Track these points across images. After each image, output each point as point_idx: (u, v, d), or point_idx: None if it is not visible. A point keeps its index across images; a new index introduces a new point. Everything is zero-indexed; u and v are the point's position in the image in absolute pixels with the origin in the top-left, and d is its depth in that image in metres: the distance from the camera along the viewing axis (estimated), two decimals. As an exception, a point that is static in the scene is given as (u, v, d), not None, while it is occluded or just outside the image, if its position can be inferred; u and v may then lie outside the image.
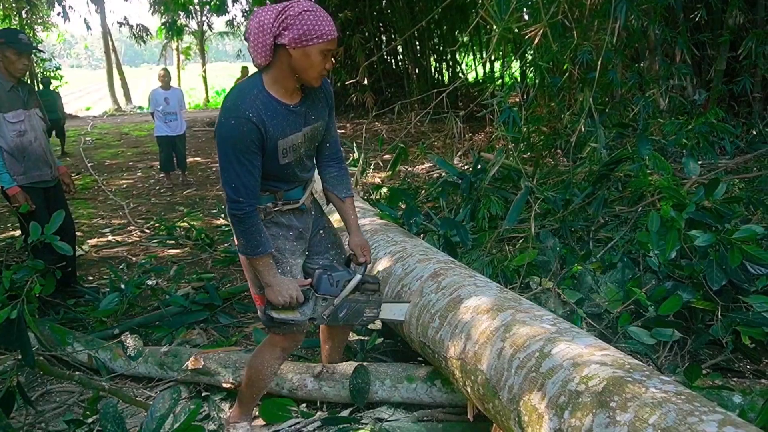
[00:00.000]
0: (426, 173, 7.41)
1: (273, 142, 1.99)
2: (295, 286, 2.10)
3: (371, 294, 2.29)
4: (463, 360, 1.97)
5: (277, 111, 1.99)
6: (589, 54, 5.01)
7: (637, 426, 1.37)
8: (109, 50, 26.69)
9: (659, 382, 1.49)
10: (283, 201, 2.16)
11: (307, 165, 2.22)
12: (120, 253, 5.25)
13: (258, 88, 1.98)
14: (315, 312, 2.15)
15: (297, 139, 2.07)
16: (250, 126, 1.92)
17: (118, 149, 12.57)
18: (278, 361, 2.27)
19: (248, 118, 1.91)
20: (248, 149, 1.94)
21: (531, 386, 1.66)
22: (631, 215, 3.90)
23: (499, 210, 4.13)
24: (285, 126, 2.01)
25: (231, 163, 1.95)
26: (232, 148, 1.93)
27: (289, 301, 2.07)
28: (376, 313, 2.31)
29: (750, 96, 6.47)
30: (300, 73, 1.96)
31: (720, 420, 1.32)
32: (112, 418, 1.64)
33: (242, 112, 1.92)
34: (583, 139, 4.84)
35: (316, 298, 2.15)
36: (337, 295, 2.17)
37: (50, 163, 3.82)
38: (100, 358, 2.84)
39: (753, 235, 2.59)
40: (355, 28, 13.08)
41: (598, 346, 1.71)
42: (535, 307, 2.03)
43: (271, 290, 2.07)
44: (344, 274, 2.21)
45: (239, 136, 1.92)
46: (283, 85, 2.00)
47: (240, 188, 1.96)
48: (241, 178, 1.95)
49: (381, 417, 2.33)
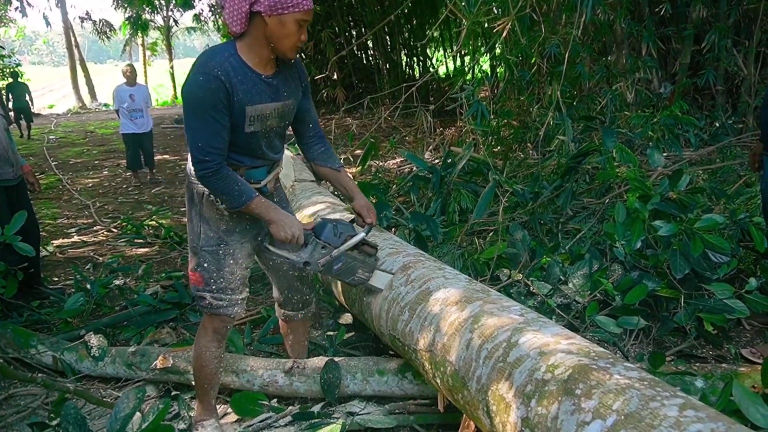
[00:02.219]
0: (397, 168, 7.41)
1: (240, 106, 1.97)
2: (299, 225, 2.10)
3: (368, 257, 2.27)
4: (432, 352, 1.97)
5: (247, 76, 1.97)
6: (557, 48, 5.06)
7: (601, 412, 1.39)
8: (71, 46, 26.07)
9: (623, 368, 1.52)
10: (244, 178, 2.12)
11: (276, 145, 2.20)
12: (86, 253, 5.15)
13: (230, 52, 1.97)
14: (312, 257, 2.12)
15: (266, 110, 2.05)
16: (218, 83, 1.89)
17: (83, 147, 12.32)
18: (214, 344, 2.24)
19: (216, 76, 1.89)
20: (215, 107, 1.91)
21: (499, 376, 1.67)
22: (599, 207, 3.96)
23: (470, 204, 4.15)
24: (254, 93, 1.99)
25: (197, 121, 1.92)
26: (200, 104, 1.91)
27: (291, 238, 2.06)
28: (367, 276, 2.29)
29: (713, 89, 6.62)
30: (275, 42, 1.95)
31: (681, 404, 1.35)
32: (74, 420, 1.61)
33: (211, 69, 1.90)
34: (551, 133, 4.90)
35: (316, 244, 2.13)
36: (338, 246, 2.15)
37: (12, 162, 3.70)
38: (66, 359, 2.78)
39: (714, 224, 2.65)
40: (325, 23, 12.99)
41: (564, 335, 1.73)
42: (503, 298, 2.04)
43: (275, 225, 2.07)
44: (349, 228, 2.20)
45: (206, 92, 1.89)
46: (258, 53, 1.98)
47: (206, 147, 1.93)
48: (207, 137, 1.93)
49: (353, 411, 2.33)
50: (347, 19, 13.89)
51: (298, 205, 3.50)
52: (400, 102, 4.63)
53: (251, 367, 2.48)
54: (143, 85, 8.32)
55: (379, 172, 6.85)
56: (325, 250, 2.14)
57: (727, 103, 6.66)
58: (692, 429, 1.26)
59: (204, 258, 2.15)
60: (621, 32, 6.42)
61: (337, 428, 2.17)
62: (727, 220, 2.97)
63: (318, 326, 3.22)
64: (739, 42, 6.53)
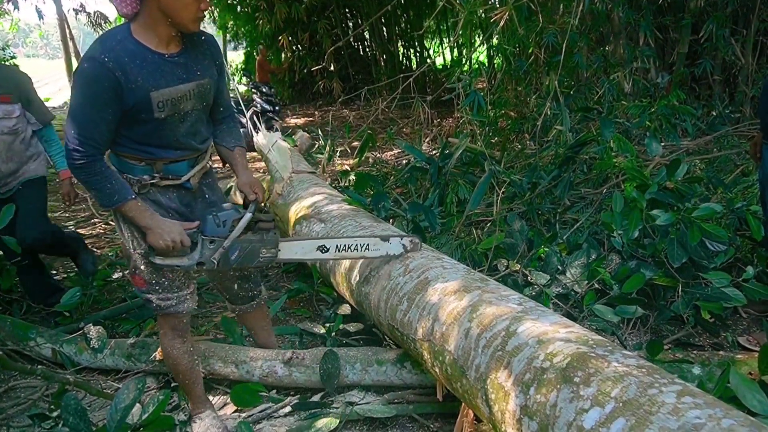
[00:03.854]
0: (395, 159, 7.40)
1: (143, 93, 1.82)
2: (179, 229, 1.95)
3: (266, 233, 2.11)
4: (431, 341, 1.98)
5: (147, 59, 1.83)
6: (555, 37, 5.05)
7: (599, 399, 1.40)
8: (66, 39, 25.87)
9: (621, 356, 1.53)
10: (161, 174, 2.00)
11: (199, 132, 2.05)
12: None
13: (124, 35, 1.82)
14: (203, 256, 2.00)
15: (178, 93, 1.90)
16: (104, 71, 1.75)
17: (80, 140, 12.23)
18: (177, 341, 2.18)
19: (103, 62, 1.75)
20: (98, 97, 1.78)
21: (497, 365, 1.68)
22: (596, 197, 3.97)
23: (467, 194, 4.15)
24: (159, 77, 1.85)
25: (78, 108, 1.80)
26: (82, 93, 1.79)
27: (172, 244, 1.92)
28: (274, 253, 2.13)
29: (710, 78, 6.61)
30: (173, 16, 1.81)
31: (678, 391, 1.36)
32: (74, 411, 1.61)
33: (98, 56, 1.76)
34: (549, 123, 4.90)
35: (203, 241, 2.00)
36: (226, 236, 2.02)
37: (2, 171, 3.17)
38: (65, 352, 2.78)
39: (712, 213, 2.66)
40: (321, 14, 12.92)
41: (562, 324, 1.74)
42: (501, 287, 2.05)
43: (151, 233, 1.91)
44: (232, 213, 2.04)
45: (91, 81, 1.76)
46: (156, 32, 1.84)
47: (81, 137, 1.80)
48: (84, 126, 1.80)
49: (352, 401, 2.33)
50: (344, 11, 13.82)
51: (296, 197, 3.49)
52: (398, 93, 4.61)
53: (250, 358, 2.48)
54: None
55: (376, 164, 6.84)
56: (214, 245, 2.01)
57: (724, 93, 6.66)
58: (690, 415, 1.27)
59: (139, 261, 2.04)
60: (618, 22, 6.40)
61: (336, 420, 2.18)
62: (725, 209, 2.97)
63: (317, 317, 3.23)
64: (736, 31, 6.51)
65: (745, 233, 3.09)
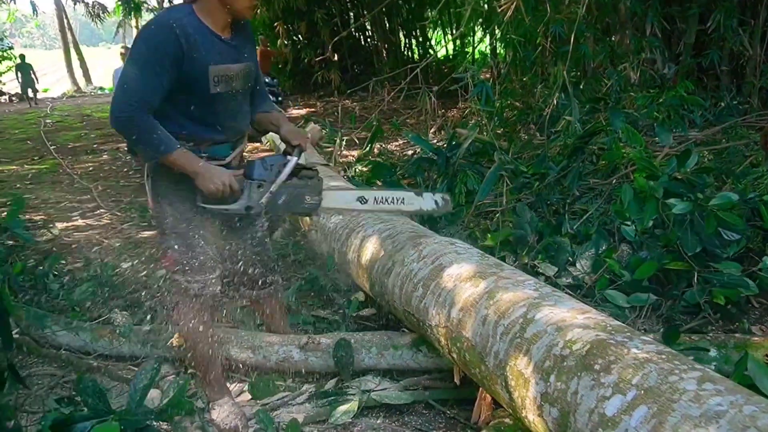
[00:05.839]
0: (400, 150, 7.40)
1: (202, 65, 1.92)
2: (229, 174, 2.00)
3: (309, 180, 2.15)
4: (448, 327, 2.00)
5: (207, 37, 1.94)
6: (561, 27, 5.04)
7: (620, 387, 1.41)
8: (64, 29, 25.78)
9: (640, 342, 1.54)
10: (207, 155, 2.05)
11: (243, 113, 2.15)
12: (92, 236, 5.15)
13: (188, 11, 1.93)
14: (251, 200, 2.03)
15: (231, 71, 2.00)
16: (172, 36, 1.85)
17: (80, 131, 12.23)
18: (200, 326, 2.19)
19: (171, 27, 1.85)
20: (160, 61, 1.85)
21: (517, 352, 1.69)
22: (605, 188, 3.97)
23: (476, 185, 4.15)
24: (217, 54, 1.96)
25: (136, 67, 1.88)
26: (145, 54, 1.87)
27: (222, 188, 1.96)
28: (318, 200, 2.19)
29: (718, 69, 6.59)
30: (231, 3, 1.93)
31: (699, 377, 1.37)
32: (92, 392, 1.63)
33: (167, 21, 1.87)
34: (556, 113, 4.89)
35: (251, 186, 2.04)
36: (273, 180, 2.05)
37: None
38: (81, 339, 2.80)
39: (729, 202, 2.67)
40: (321, 3, 12.85)
41: (580, 309, 1.75)
42: (517, 272, 2.06)
43: (201, 177, 1.95)
44: (278, 158, 2.10)
45: (157, 44, 1.86)
46: (215, 17, 1.96)
47: (131, 91, 1.87)
48: (138, 85, 1.86)
49: (368, 387, 2.35)
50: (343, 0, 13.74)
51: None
52: (405, 83, 4.61)
53: (266, 343, 2.50)
54: (143, 67, 8.22)
55: (381, 154, 6.84)
56: (262, 189, 2.04)
57: (731, 84, 6.64)
58: (712, 402, 1.28)
59: (173, 240, 2.09)
60: (625, 12, 6.38)
61: (355, 405, 2.20)
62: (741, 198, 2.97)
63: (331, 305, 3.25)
64: (744, 21, 6.47)
65: (755, 223, 3.10)
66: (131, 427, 1.61)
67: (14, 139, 11.41)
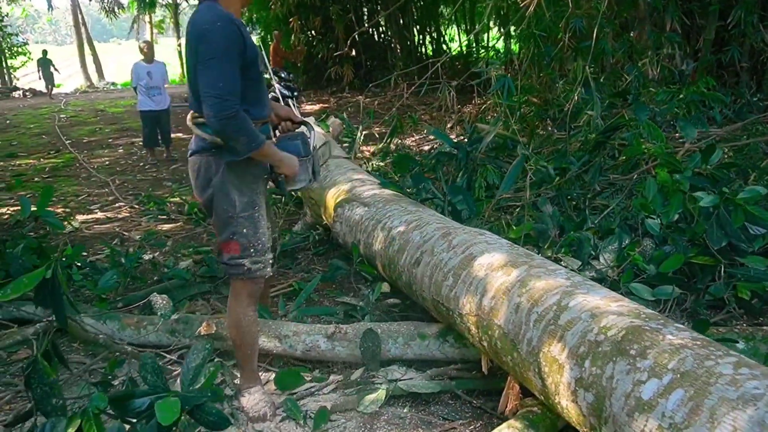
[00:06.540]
0: (417, 146, 7.41)
1: (255, 50, 2.08)
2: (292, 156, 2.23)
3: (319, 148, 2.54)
4: (479, 316, 2.01)
5: None
6: (581, 22, 5.03)
7: (657, 371, 1.42)
8: (78, 24, 25.93)
9: (675, 329, 1.55)
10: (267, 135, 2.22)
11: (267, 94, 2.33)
12: (112, 228, 5.21)
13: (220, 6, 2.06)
14: (309, 173, 2.30)
15: None
16: (235, 29, 1.99)
17: (95, 126, 12.33)
18: (251, 308, 2.25)
19: (232, 20, 2.00)
20: (233, 53, 1.98)
21: (550, 338, 1.71)
22: (626, 183, 3.96)
23: (496, 179, 4.16)
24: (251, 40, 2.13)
25: (218, 64, 1.96)
26: (222, 49, 1.96)
27: (297, 170, 2.22)
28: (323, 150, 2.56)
29: (738, 65, 6.54)
30: None
31: (735, 362, 1.38)
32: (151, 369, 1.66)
33: (226, 16, 1.99)
34: (577, 108, 4.89)
35: (303, 163, 2.27)
36: (311, 154, 2.32)
37: None
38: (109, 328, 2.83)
39: (758, 196, 2.66)
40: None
41: (612, 298, 1.76)
42: (548, 262, 2.07)
43: (284, 164, 2.19)
44: (300, 134, 2.35)
45: (228, 37, 1.97)
46: (236, 8, 2.12)
47: (227, 87, 1.95)
48: (227, 80, 1.96)
49: (394, 377, 2.37)
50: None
51: (333, 181, 3.53)
52: (426, 78, 4.62)
53: (293, 332, 2.52)
54: (161, 62, 8.25)
55: (399, 149, 6.86)
56: (307, 162, 2.29)
57: (751, 80, 6.59)
58: (749, 386, 1.29)
59: (241, 224, 2.17)
60: (644, 7, 6.35)
61: (382, 394, 2.22)
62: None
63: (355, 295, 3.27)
64: (765, 17, 6.43)
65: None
66: (189, 404, 1.65)
67: (30, 134, 11.52)
